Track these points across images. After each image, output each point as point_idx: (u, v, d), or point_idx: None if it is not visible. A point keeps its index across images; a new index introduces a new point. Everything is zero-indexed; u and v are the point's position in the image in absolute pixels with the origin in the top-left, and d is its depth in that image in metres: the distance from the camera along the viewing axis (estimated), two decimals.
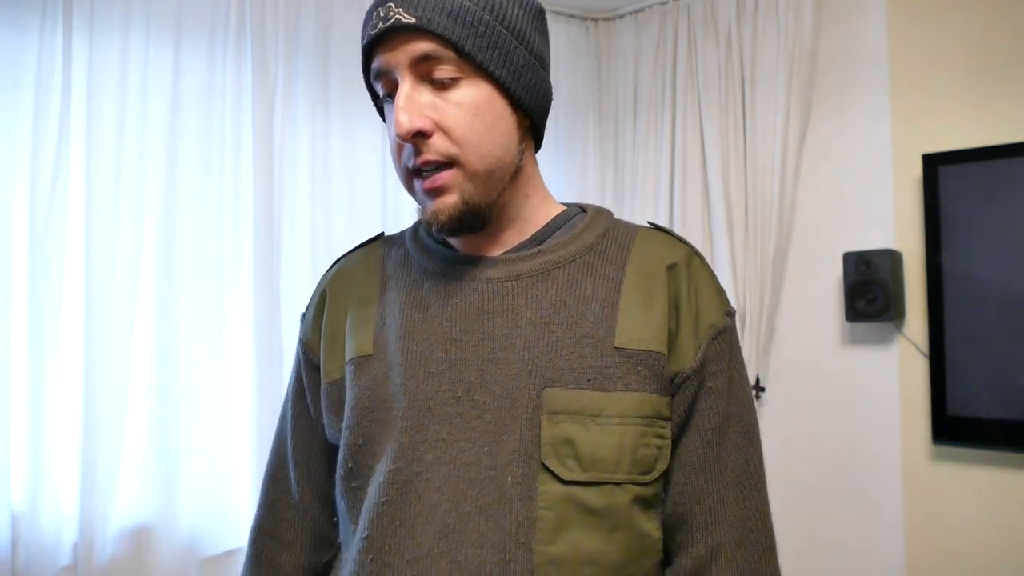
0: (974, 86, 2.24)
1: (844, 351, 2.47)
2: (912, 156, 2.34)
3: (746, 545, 0.79)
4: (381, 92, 0.80)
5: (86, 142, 2.06)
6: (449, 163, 0.76)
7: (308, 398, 0.90)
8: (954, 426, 2.17)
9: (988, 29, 2.22)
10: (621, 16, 2.97)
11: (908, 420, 2.32)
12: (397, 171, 0.81)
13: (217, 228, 2.23)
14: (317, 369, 0.88)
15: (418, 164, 0.76)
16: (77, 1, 2.05)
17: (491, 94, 0.77)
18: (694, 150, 2.70)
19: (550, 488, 0.74)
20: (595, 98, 3.01)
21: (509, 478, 0.74)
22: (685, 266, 0.83)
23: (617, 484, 0.75)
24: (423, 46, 0.74)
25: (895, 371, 2.36)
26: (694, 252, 0.86)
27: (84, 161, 2.05)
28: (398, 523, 0.76)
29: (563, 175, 2.94)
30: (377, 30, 0.75)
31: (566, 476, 0.74)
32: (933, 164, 2.22)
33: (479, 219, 0.79)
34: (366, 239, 0.95)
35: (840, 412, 2.46)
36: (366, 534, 0.77)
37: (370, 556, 0.76)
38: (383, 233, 0.96)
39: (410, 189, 0.81)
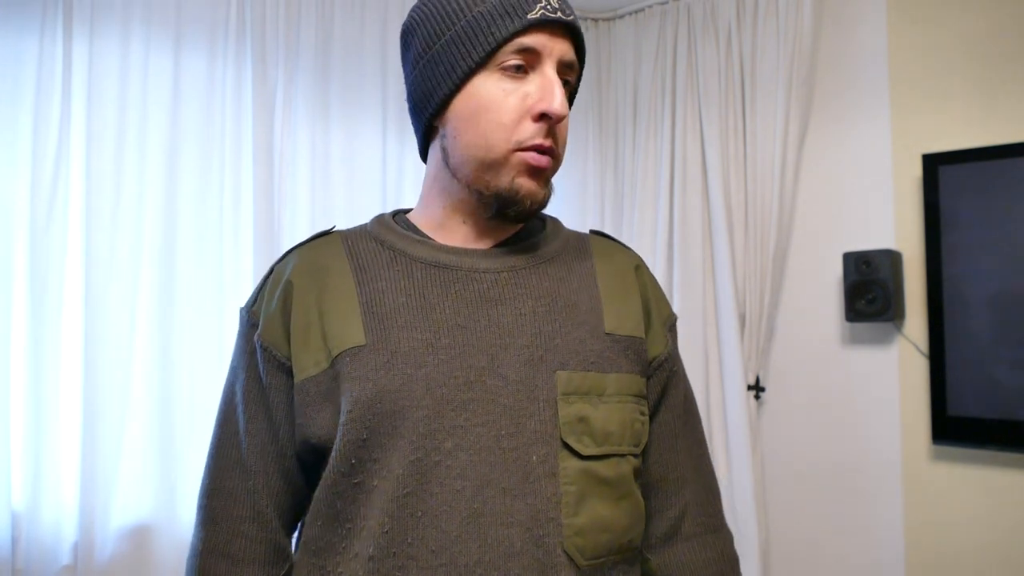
0: (974, 86, 2.24)
1: (844, 351, 2.47)
2: (912, 156, 2.34)
3: (704, 503, 0.92)
4: (509, 62, 0.81)
5: (86, 143, 2.06)
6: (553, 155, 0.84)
7: (270, 400, 0.84)
8: (954, 426, 2.17)
9: (988, 29, 2.22)
10: (621, 16, 2.97)
11: (908, 420, 2.32)
12: (493, 142, 0.81)
13: (217, 228, 2.23)
14: (282, 367, 0.83)
15: (546, 146, 0.82)
16: (77, 3, 2.06)
17: None
18: (694, 150, 2.69)
19: (570, 464, 0.79)
20: (595, 98, 3.01)
21: (534, 458, 0.78)
22: (644, 269, 0.96)
23: (622, 456, 0.83)
24: (572, 56, 0.84)
25: (895, 371, 2.36)
26: (639, 256, 0.98)
27: (84, 162, 2.06)
28: (420, 514, 0.75)
29: (563, 175, 2.93)
30: (557, 16, 0.81)
31: (584, 451, 0.80)
32: (933, 164, 2.22)
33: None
34: (318, 232, 0.92)
35: (840, 412, 2.46)
36: (386, 529, 0.75)
37: (392, 551, 0.75)
38: (335, 227, 0.95)
39: (504, 164, 0.82)
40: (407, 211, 0.95)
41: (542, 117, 0.80)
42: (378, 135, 2.53)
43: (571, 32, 0.83)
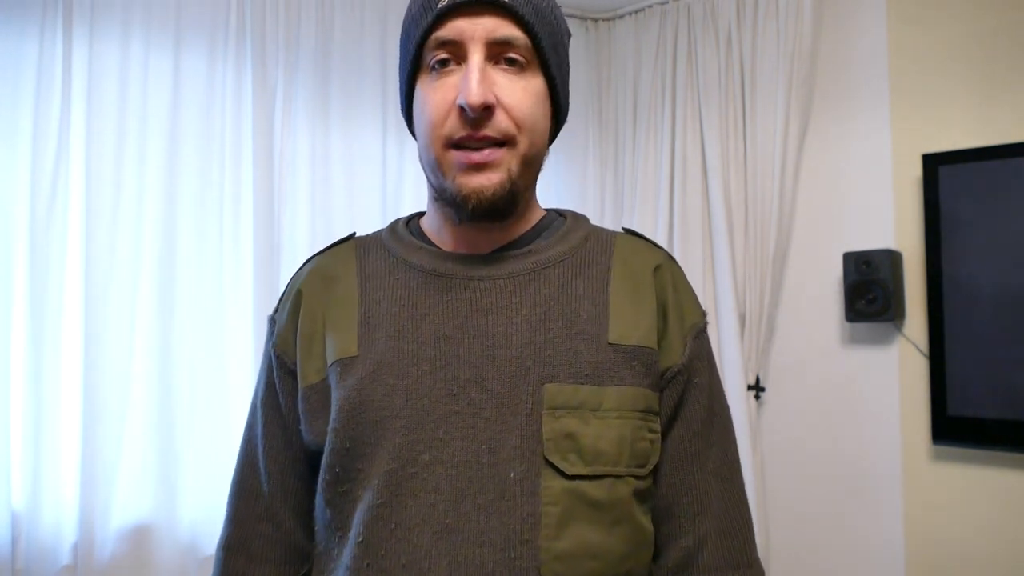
0: (974, 86, 2.24)
1: (844, 351, 2.47)
2: (912, 156, 2.34)
3: (729, 533, 0.82)
4: (432, 59, 0.78)
5: (86, 144, 2.06)
6: (502, 142, 0.77)
7: (282, 405, 0.86)
8: (954, 426, 2.17)
9: (988, 29, 2.22)
10: (621, 16, 2.97)
11: (908, 420, 2.32)
12: (428, 142, 0.79)
13: (217, 229, 2.24)
14: (292, 373, 0.85)
15: (477, 137, 0.76)
16: (77, 5, 2.06)
17: (545, 90, 0.81)
18: (694, 150, 2.69)
19: (553, 483, 0.74)
20: (595, 98, 3.01)
21: (512, 475, 0.74)
22: (667, 269, 0.87)
23: (618, 477, 0.76)
24: (508, 30, 0.77)
25: (895, 371, 2.35)
26: (670, 256, 0.90)
27: (84, 162, 2.06)
28: (393, 526, 0.74)
29: (562, 175, 2.94)
30: None
31: (569, 471, 0.74)
32: (933, 164, 2.22)
33: (512, 205, 0.80)
34: (338, 239, 0.92)
35: (840, 412, 2.46)
36: (361, 539, 0.75)
37: (366, 562, 0.74)
38: (355, 233, 0.94)
39: (442, 163, 0.78)
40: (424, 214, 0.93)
41: (463, 109, 0.75)
42: (378, 136, 2.53)
43: (498, 6, 0.76)
